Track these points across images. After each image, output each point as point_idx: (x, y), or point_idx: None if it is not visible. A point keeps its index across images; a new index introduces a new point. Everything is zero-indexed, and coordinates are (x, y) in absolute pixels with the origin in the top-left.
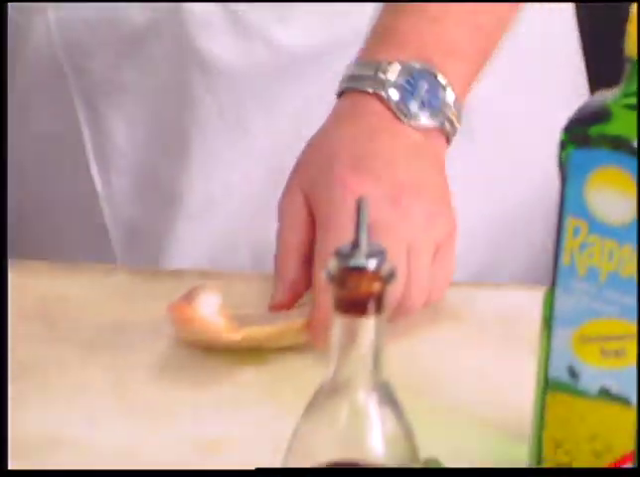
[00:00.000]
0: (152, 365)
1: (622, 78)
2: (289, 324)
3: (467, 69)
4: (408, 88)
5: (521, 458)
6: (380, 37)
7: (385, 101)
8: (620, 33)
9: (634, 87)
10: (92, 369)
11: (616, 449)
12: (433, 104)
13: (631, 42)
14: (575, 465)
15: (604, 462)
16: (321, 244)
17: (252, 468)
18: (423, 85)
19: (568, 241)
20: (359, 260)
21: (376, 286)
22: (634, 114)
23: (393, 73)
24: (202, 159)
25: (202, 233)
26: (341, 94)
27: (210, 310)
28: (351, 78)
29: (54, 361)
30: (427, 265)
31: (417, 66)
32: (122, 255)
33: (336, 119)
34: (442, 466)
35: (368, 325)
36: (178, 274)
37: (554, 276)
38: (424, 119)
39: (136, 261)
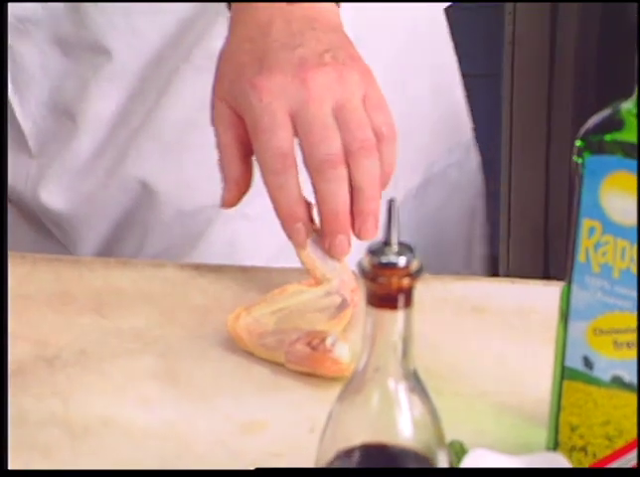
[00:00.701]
0: (198, 352)
1: (634, 88)
2: None
3: None
4: None
5: (538, 441)
6: None
7: None
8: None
9: None
10: (143, 356)
11: (627, 433)
12: None
13: None
14: (590, 448)
15: (616, 445)
16: (258, 149)
17: (290, 447)
18: None
19: (584, 241)
20: (390, 257)
21: (405, 281)
22: None
23: None
24: None
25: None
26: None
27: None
28: None
29: (108, 348)
30: (357, 112)
31: None
32: None
33: (234, 20)
34: (466, 448)
35: (397, 317)
36: (219, 269)
37: (570, 273)
38: None
39: None
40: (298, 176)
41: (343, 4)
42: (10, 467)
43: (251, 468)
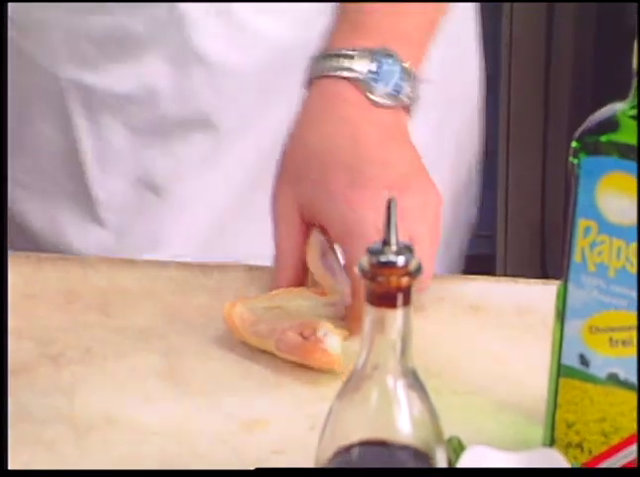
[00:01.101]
0: (201, 350)
1: (630, 90)
2: None
3: (417, 50)
4: (374, 71)
5: (535, 438)
6: (342, 29)
7: (355, 85)
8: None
9: None
10: (147, 354)
11: (623, 430)
12: (397, 84)
13: (639, 55)
14: (585, 444)
15: (612, 441)
16: (351, 254)
17: (291, 444)
18: (386, 68)
19: (580, 240)
20: (389, 257)
21: (404, 280)
22: None
23: (359, 58)
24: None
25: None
26: (310, 85)
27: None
28: (319, 66)
29: (112, 347)
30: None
31: (379, 50)
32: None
33: (310, 112)
34: (464, 445)
35: (396, 316)
36: (223, 268)
37: (566, 272)
38: (391, 99)
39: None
40: None
41: None
42: (15, 463)
43: (253, 465)
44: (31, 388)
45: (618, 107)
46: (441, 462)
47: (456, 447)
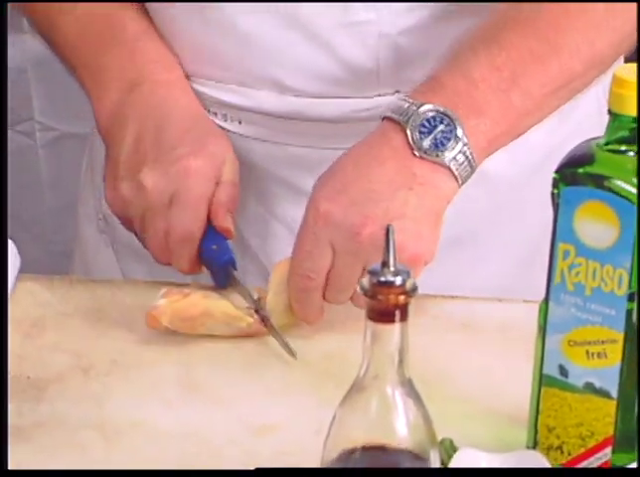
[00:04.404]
0: (215, 361)
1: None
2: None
3: (490, 127)
4: (428, 126)
5: (519, 441)
6: (426, 83)
7: (405, 133)
8: None
9: (615, 136)
10: (167, 365)
11: (598, 434)
12: (444, 144)
13: (612, 97)
14: (565, 447)
15: (588, 444)
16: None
17: (298, 447)
18: (441, 127)
19: (560, 262)
20: (387, 277)
21: (401, 298)
22: (615, 158)
23: (420, 111)
24: None
25: None
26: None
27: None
28: (390, 110)
29: (136, 358)
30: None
31: (442, 110)
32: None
33: (360, 143)
34: (455, 446)
35: (394, 330)
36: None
37: (547, 291)
38: (433, 155)
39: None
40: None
41: None
42: (51, 465)
43: (263, 466)
44: (64, 396)
45: (594, 142)
46: (435, 462)
47: (448, 448)
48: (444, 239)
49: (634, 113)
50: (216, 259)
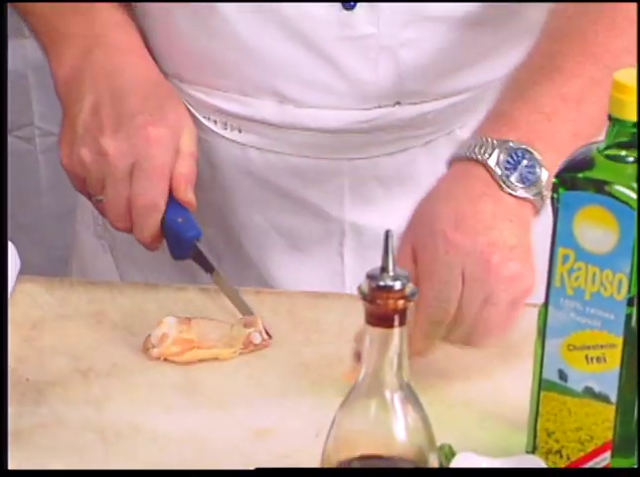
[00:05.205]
0: (214, 365)
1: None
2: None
3: (557, 156)
4: (512, 162)
5: (518, 445)
6: (496, 118)
7: (490, 171)
8: None
9: (615, 141)
10: (166, 368)
11: (597, 438)
12: (530, 179)
13: (612, 102)
14: (564, 451)
15: (588, 449)
16: (428, 297)
17: (298, 450)
18: (524, 162)
19: (559, 267)
20: (386, 282)
21: (400, 303)
22: (614, 163)
23: (501, 148)
24: None
25: None
26: (450, 165)
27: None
28: (465, 149)
29: (136, 362)
30: (498, 315)
31: (523, 146)
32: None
33: (446, 182)
34: (454, 451)
35: (393, 335)
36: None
37: (547, 295)
38: (521, 191)
39: None
40: None
41: None
42: (50, 466)
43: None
44: (64, 399)
45: (594, 147)
46: (434, 466)
47: (447, 453)
48: None
49: (634, 118)
50: (182, 233)
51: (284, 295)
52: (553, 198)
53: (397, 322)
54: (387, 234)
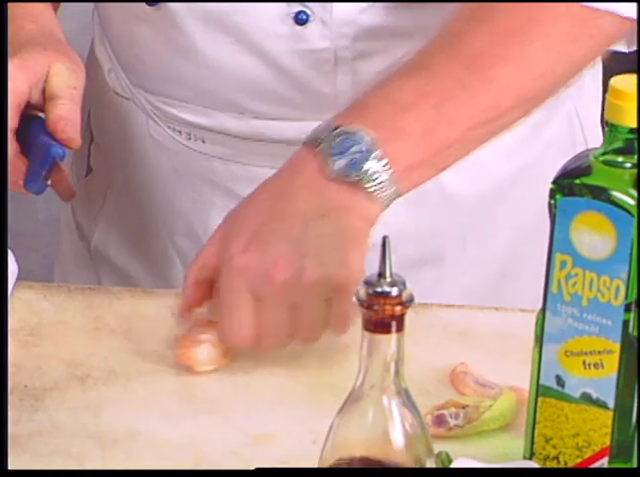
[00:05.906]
0: (212, 371)
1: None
2: None
3: (410, 152)
4: (342, 148)
5: (516, 451)
6: (351, 107)
7: (319, 156)
8: None
9: (612, 147)
10: (164, 375)
11: (595, 444)
12: (360, 166)
13: (609, 108)
14: (562, 457)
15: (585, 455)
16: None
17: (295, 456)
18: (357, 149)
19: (557, 273)
20: (384, 288)
21: (397, 309)
22: (611, 169)
23: (333, 133)
24: None
25: None
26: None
27: None
28: (311, 133)
29: (134, 368)
30: (312, 319)
31: (361, 132)
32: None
33: (276, 173)
34: (451, 458)
35: (391, 341)
36: None
37: (544, 301)
38: (349, 178)
39: None
40: None
41: None
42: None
43: None
44: (61, 405)
45: (591, 153)
46: None
47: (444, 460)
48: (408, 260)
49: (631, 124)
50: (47, 151)
51: None
52: (550, 204)
53: (394, 328)
54: (384, 240)
